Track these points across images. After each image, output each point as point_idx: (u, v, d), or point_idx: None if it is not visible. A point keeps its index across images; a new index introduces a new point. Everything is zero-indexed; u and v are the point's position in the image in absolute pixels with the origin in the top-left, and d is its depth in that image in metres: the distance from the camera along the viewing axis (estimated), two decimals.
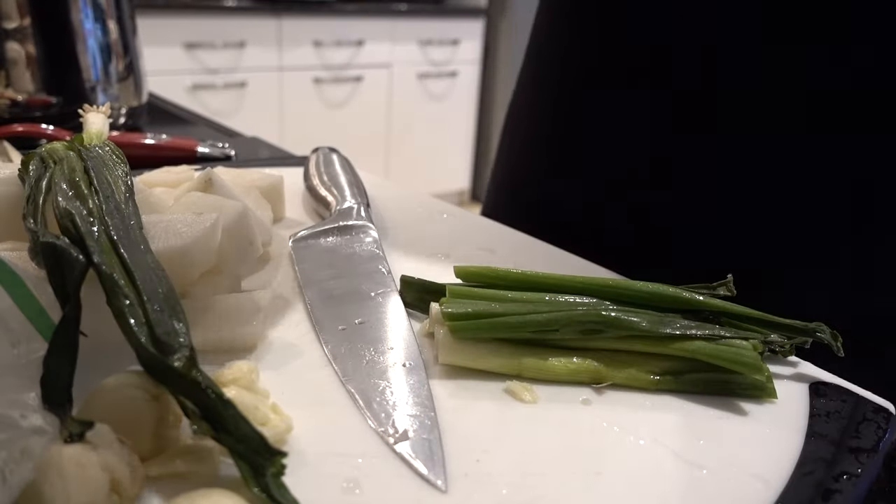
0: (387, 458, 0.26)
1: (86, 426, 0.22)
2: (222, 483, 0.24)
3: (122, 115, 0.80)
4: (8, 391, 0.22)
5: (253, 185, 0.47)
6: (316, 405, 0.29)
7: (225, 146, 0.68)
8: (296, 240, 0.44)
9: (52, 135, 0.65)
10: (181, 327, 0.26)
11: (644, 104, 0.51)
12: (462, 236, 0.49)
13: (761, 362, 0.31)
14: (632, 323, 0.32)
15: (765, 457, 0.28)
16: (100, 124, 0.39)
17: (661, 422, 0.29)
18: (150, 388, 0.25)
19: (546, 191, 0.59)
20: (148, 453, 0.24)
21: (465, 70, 3.30)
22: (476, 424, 0.29)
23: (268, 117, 2.74)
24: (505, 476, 0.26)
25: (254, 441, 0.23)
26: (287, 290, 0.39)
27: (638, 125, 0.52)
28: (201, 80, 2.55)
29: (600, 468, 0.26)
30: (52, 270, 0.27)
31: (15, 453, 0.20)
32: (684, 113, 0.49)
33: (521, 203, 0.62)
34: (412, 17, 3.06)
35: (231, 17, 2.57)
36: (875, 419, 0.30)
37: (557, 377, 0.31)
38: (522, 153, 0.63)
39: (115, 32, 0.77)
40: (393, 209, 0.53)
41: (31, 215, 0.30)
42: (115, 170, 0.34)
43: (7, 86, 0.70)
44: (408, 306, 0.37)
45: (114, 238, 0.29)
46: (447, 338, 0.32)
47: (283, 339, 0.34)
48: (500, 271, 0.37)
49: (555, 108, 0.58)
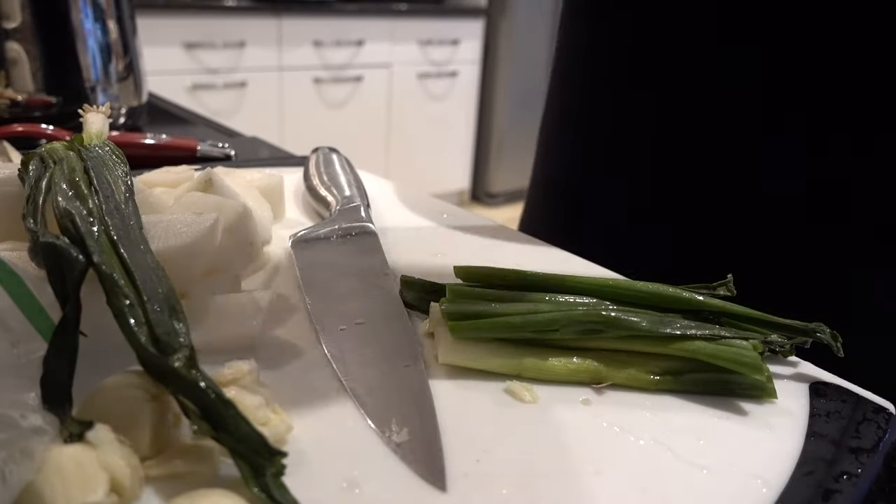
0: (387, 458, 0.26)
1: (86, 426, 0.22)
2: (222, 483, 0.24)
3: (122, 115, 0.80)
4: (8, 391, 0.22)
5: (253, 185, 0.47)
6: (316, 405, 0.29)
7: (225, 146, 0.68)
8: (296, 240, 0.44)
9: (52, 135, 0.65)
10: (181, 327, 0.26)
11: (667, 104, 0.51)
12: (462, 236, 0.49)
13: (761, 362, 0.31)
14: (632, 323, 0.32)
15: (765, 457, 0.28)
16: (100, 124, 0.39)
17: (660, 422, 0.29)
18: (150, 388, 0.25)
19: (585, 191, 0.59)
20: (148, 453, 0.24)
21: (465, 70, 3.30)
22: (476, 424, 0.29)
23: (268, 117, 2.74)
24: (505, 476, 0.26)
25: (254, 441, 0.23)
26: (287, 290, 0.39)
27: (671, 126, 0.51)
28: (201, 80, 2.55)
29: (600, 468, 0.26)
30: (52, 270, 0.27)
31: (15, 453, 0.20)
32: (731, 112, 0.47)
33: (558, 204, 0.61)
34: (412, 17, 3.06)
35: (231, 17, 2.57)
36: (875, 419, 0.30)
37: (557, 377, 0.31)
38: (551, 149, 0.63)
39: (115, 32, 0.77)
40: (393, 209, 0.53)
41: (30, 215, 0.30)
42: (115, 170, 0.34)
43: (7, 86, 0.70)
44: (408, 306, 0.37)
45: (114, 238, 0.29)
46: (447, 338, 0.32)
47: (283, 339, 0.34)
48: (500, 271, 0.37)
49: (581, 106, 0.58)
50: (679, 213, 0.51)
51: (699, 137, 0.49)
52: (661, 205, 0.52)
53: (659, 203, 0.52)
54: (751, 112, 0.46)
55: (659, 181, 0.52)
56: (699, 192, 0.49)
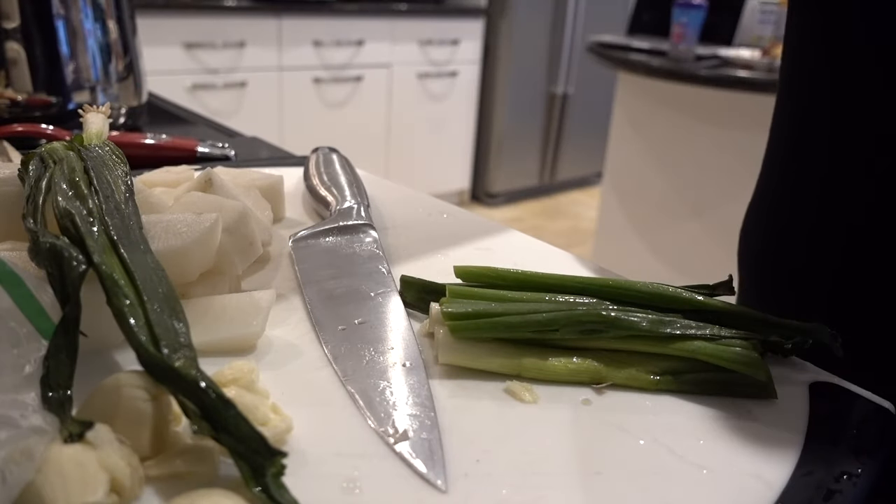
0: (387, 458, 0.26)
1: (86, 426, 0.22)
2: (222, 483, 0.24)
3: (122, 115, 0.80)
4: (8, 391, 0.22)
5: (253, 185, 0.47)
6: (316, 405, 0.29)
7: (225, 146, 0.68)
8: (296, 240, 0.44)
9: (52, 135, 0.65)
10: (181, 327, 0.26)
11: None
12: (462, 236, 0.49)
13: (761, 362, 0.31)
14: (632, 323, 0.32)
15: (765, 457, 0.28)
16: (100, 124, 0.39)
17: (661, 422, 0.29)
18: (150, 388, 0.25)
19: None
20: (148, 453, 0.24)
21: (465, 70, 3.30)
22: (476, 424, 0.29)
23: (268, 117, 2.74)
24: (505, 476, 0.26)
25: (254, 441, 0.22)
26: (287, 290, 0.39)
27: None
28: (201, 80, 2.55)
29: (600, 468, 0.26)
30: (52, 270, 0.27)
31: (15, 453, 0.20)
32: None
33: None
34: (412, 17, 3.05)
35: (231, 17, 2.57)
36: (875, 419, 0.30)
37: (557, 377, 0.31)
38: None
39: (115, 32, 0.77)
40: (393, 209, 0.53)
41: (30, 215, 0.30)
42: (115, 170, 0.34)
43: (7, 86, 0.70)
44: (408, 306, 0.37)
45: (114, 238, 0.29)
46: (447, 338, 0.32)
47: (283, 339, 0.34)
48: (500, 271, 0.37)
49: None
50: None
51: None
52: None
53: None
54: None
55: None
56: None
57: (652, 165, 2.07)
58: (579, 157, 3.71)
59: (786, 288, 0.49)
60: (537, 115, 3.52)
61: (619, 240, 2.21)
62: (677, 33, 1.88)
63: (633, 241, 2.15)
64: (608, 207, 2.24)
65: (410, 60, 3.11)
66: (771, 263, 0.51)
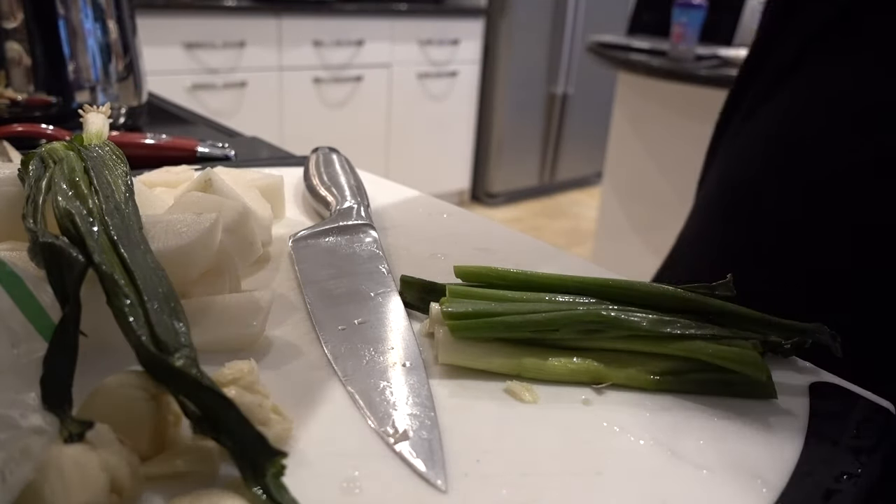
0: (387, 458, 0.26)
1: (86, 426, 0.22)
2: (222, 483, 0.24)
3: (122, 115, 0.80)
4: (8, 391, 0.22)
5: (253, 185, 0.47)
6: (316, 405, 0.29)
7: (225, 146, 0.68)
8: (296, 240, 0.44)
9: (52, 135, 0.65)
10: (181, 327, 0.26)
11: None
12: (462, 236, 0.49)
13: (761, 362, 0.31)
14: (632, 323, 0.32)
15: (765, 457, 0.28)
16: (100, 124, 0.39)
17: (661, 422, 0.29)
18: (150, 388, 0.25)
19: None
20: (148, 453, 0.24)
21: (465, 70, 3.30)
22: (476, 424, 0.29)
23: (268, 117, 2.74)
24: (505, 476, 0.26)
25: (254, 441, 0.22)
26: (287, 290, 0.39)
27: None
28: (201, 79, 2.55)
29: (600, 468, 0.26)
30: (52, 270, 0.27)
31: (15, 453, 0.20)
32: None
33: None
34: (412, 17, 3.05)
35: (231, 16, 2.57)
36: (875, 419, 0.30)
37: (557, 377, 0.31)
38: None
39: (115, 32, 0.77)
40: (393, 209, 0.53)
41: (30, 215, 0.30)
42: (115, 170, 0.34)
43: (7, 86, 0.70)
44: (408, 306, 0.37)
45: (114, 238, 0.29)
46: (447, 338, 0.32)
47: (283, 339, 0.34)
48: (500, 271, 0.37)
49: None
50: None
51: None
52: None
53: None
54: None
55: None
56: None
57: (652, 165, 2.06)
58: (579, 157, 3.72)
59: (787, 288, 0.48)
60: (537, 115, 3.52)
61: (619, 240, 2.21)
62: (677, 33, 1.88)
63: (633, 241, 2.15)
64: (608, 207, 2.24)
65: (410, 60, 3.11)
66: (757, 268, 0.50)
